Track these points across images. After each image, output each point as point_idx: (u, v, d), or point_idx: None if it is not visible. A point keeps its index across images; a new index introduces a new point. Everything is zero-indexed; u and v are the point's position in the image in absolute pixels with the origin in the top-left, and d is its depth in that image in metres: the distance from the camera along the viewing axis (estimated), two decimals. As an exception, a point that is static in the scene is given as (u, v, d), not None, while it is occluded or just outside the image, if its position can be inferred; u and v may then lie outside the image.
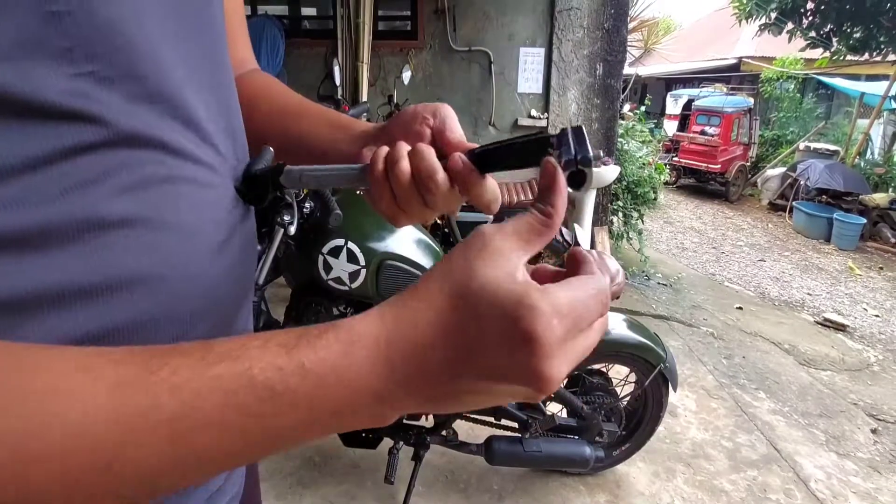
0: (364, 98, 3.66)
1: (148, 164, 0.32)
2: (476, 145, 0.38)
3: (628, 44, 4.56)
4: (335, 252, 1.49)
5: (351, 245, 1.49)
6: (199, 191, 0.36)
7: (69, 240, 0.28)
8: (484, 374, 0.26)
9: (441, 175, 0.37)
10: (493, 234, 0.28)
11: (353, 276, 1.51)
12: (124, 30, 0.30)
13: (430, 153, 0.37)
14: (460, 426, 1.77)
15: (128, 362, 0.24)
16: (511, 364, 0.25)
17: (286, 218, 1.57)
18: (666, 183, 8.71)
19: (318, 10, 4.13)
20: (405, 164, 0.37)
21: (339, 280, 1.51)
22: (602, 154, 0.40)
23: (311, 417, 0.26)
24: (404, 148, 0.38)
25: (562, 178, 0.29)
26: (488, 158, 0.35)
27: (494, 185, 0.37)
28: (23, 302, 0.27)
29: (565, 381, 1.87)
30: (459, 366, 0.26)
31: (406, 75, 3.07)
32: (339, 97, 1.99)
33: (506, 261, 0.27)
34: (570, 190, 0.29)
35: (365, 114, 2.19)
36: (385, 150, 0.38)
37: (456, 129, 0.41)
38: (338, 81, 2.04)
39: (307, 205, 1.46)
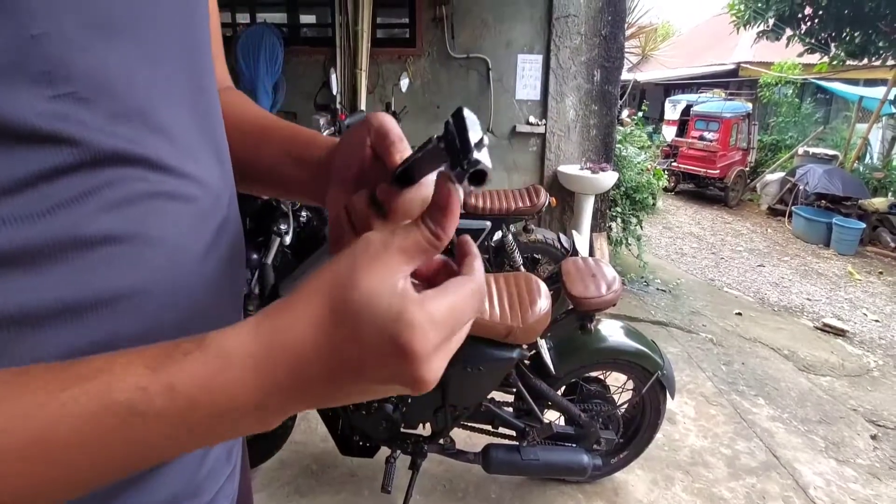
0: (362, 105, 3.67)
1: (130, 180, 0.32)
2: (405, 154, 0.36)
3: (626, 50, 4.59)
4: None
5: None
6: (183, 205, 0.36)
7: (54, 259, 0.29)
8: (363, 380, 0.27)
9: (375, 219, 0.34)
10: (379, 247, 0.28)
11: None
12: (98, 50, 0.30)
13: (361, 206, 0.35)
14: (457, 434, 1.76)
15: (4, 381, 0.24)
16: (390, 373, 0.27)
17: (282, 227, 1.58)
18: (665, 188, 8.72)
19: (317, 17, 4.15)
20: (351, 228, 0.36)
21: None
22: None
23: (186, 434, 0.25)
24: (345, 221, 0.36)
25: (456, 200, 0.28)
26: (405, 175, 0.33)
27: (418, 195, 0.33)
28: (9, 320, 0.27)
29: (563, 389, 1.86)
30: (340, 376, 0.27)
31: (404, 82, 3.09)
32: (338, 105, 2.00)
33: (389, 274, 0.27)
34: (472, 188, 0.27)
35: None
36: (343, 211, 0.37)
37: (387, 140, 0.36)
38: (335, 90, 2.05)
39: (303, 214, 1.46)
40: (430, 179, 0.31)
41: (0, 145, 0.26)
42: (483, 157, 0.27)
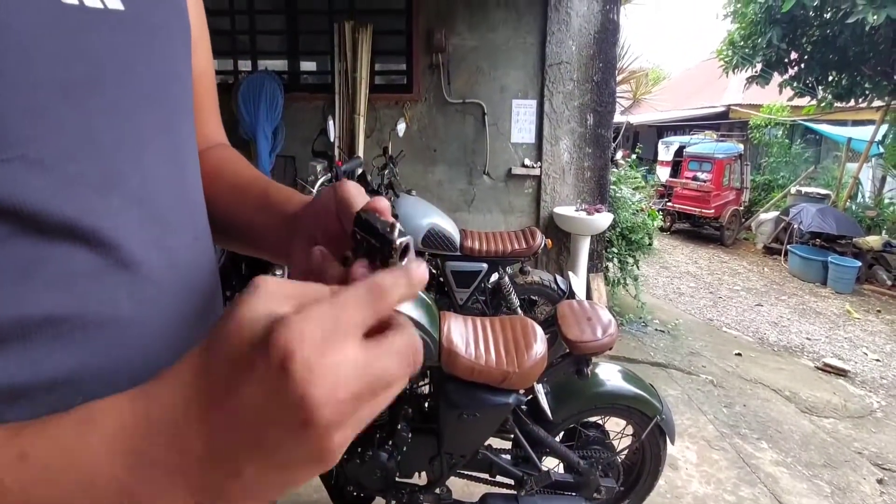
0: (360, 149, 3.76)
1: (77, 253, 0.30)
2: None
3: (618, 95, 4.73)
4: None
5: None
6: (138, 278, 0.33)
7: None
8: (258, 451, 0.22)
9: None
10: (268, 289, 0.24)
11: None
12: (57, 111, 0.28)
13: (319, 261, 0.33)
14: (454, 483, 1.72)
15: None
16: (285, 430, 0.22)
17: (277, 272, 1.60)
18: (661, 228, 8.80)
19: (318, 65, 4.30)
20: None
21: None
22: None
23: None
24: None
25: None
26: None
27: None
28: None
29: (561, 435, 1.83)
30: (228, 452, 0.22)
31: (401, 127, 3.17)
32: (336, 150, 2.07)
33: (273, 301, 0.23)
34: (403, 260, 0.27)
35: (360, 168, 2.25)
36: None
37: (348, 214, 0.35)
38: (332, 137, 2.11)
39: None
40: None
41: None
42: (399, 236, 0.27)
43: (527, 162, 3.89)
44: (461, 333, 1.58)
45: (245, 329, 0.22)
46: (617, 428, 1.87)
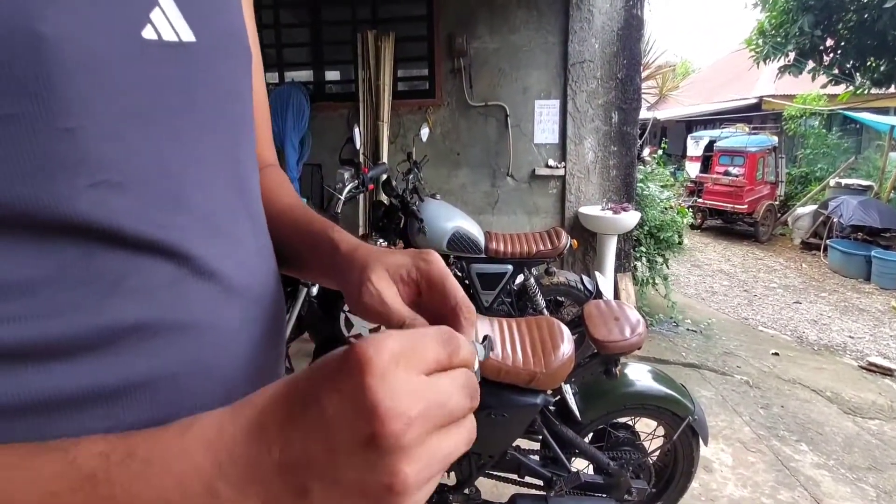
0: (384, 155, 3.81)
1: (158, 266, 0.33)
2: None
3: (644, 91, 4.66)
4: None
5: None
6: (212, 286, 0.36)
7: (85, 348, 0.29)
8: (327, 473, 0.24)
9: None
10: (369, 344, 0.25)
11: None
12: (131, 139, 0.31)
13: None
14: (483, 483, 1.73)
15: None
16: (357, 451, 0.23)
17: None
18: (692, 225, 8.59)
19: (341, 74, 4.39)
20: None
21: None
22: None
23: (134, 499, 0.24)
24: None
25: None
26: None
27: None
28: (44, 406, 0.28)
29: (590, 436, 1.82)
30: (299, 469, 0.24)
31: (424, 132, 3.20)
32: (361, 157, 2.12)
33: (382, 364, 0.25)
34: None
35: (385, 174, 2.30)
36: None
37: (437, 290, 0.39)
38: (358, 145, 2.16)
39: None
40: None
41: (34, 236, 0.28)
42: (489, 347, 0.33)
43: (551, 162, 3.87)
44: (488, 334, 1.59)
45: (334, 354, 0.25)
46: (647, 429, 1.84)
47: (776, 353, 3.85)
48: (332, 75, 4.39)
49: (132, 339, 0.31)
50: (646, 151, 7.04)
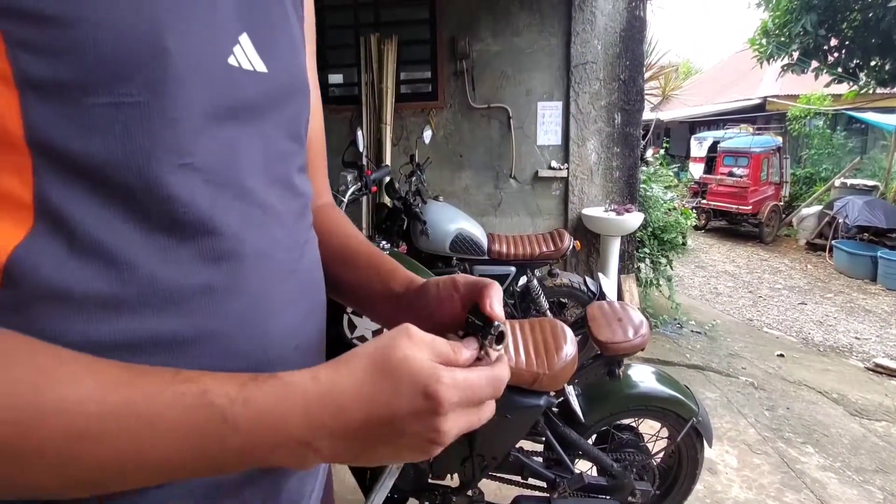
0: (387, 157, 3.82)
1: (223, 239, 0.40)
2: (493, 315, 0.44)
3: (646, 92, 4.66)
4: (359, 312, 1.53)
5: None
6: (264, 262, 0.43)
7: (167, 301, 0.37)
8: (393, 429, 0.33)
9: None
10: (416, 332, 0.35)
11: (376, 335, 1.55)
12: (210, 133, 0.39)
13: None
14: (487, 485, 1.73)
15: (114, 368, 0.31)
16: (416, 420, 0.32)
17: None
18: (696, 227, 8.56)
19: (344, 77, 4.40)
20: None
21: (362, 339, 1.55)
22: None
23: (243, 444, 0.31)
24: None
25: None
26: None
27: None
28: (122, 347, 0.35)
29: (594, 438, 1.82)
30: (375, 423, 0.33)
31: (427, 134, 3.21)
32: (363, 162, 2.13)
33: (422, 347, 0.34)
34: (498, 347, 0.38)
35: (388, 176, 2.31)
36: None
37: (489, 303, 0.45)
38: (361, 148, 2.16)
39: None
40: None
41: (138, 204, 0.35)
42: (498, 327, 0.39)
43: (553, 164, 3.87)
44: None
45: (413, 368, 0.33)
46: (651, 431, 1.84)
47: (781, 355, 3.84)
48: (335, 78, 4.40)
49: (202, 299, 0.38)
50: (649, 152, 7.03)
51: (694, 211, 5.52)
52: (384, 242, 2.12)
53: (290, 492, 0.48)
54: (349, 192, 1.90)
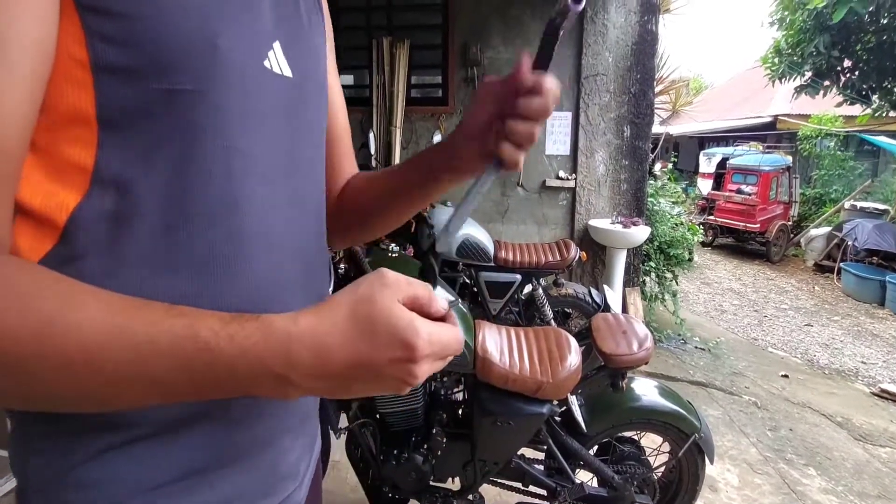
0: (396, 159, 3.83)
1: (250, 220, 0.46)
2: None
3: (656, 106, 4.65)
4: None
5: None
6: (281, 249, 0.49)
7: (201, 268, 0.43)
8: (370, 370, 0.36)
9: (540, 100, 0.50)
10: (394, 278, 0.38)
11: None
12: (248, 122, 0.45)
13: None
14: (488, 490, 1.72)
15: (124, 300, 0.35)
16: (392, 364, 0.35)
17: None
18: (702, 243, 8.52)
19: (356, 79, 4.43)
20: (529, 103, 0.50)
21: None
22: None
23: (227, 373, 0.34)
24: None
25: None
26: (540, 61, 0.50)
27: (553, 85, 0.50)
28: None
29: (595, 449, 1.80)
30: (353, 364, 0.35)
31: (437, 138, 3.22)
32: (373, 162, 2.12)
33: (399, 293, 0.37)
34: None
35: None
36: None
37: (515, 78, 0.51)
38: (372, 151, 2.17)
39: (342, 267, 1.53)
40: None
41: (182, 178, 0.41)
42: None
43: (561, 174, 3.87)
44: (496, 342, 1.59)
45: (392, 319, 0.35)
46: (653, 444, 1.82)
47: (786, 376, 3.80)
48: (346, 80, 4.43)
49: (223, 268, 0.43)
50: (657, 166, 7.03)
51: (701, 227, 5.49)
52: (392, 245, 2.12)
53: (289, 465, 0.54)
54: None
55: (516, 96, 0.50)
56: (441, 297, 0.40)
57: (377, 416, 1.62)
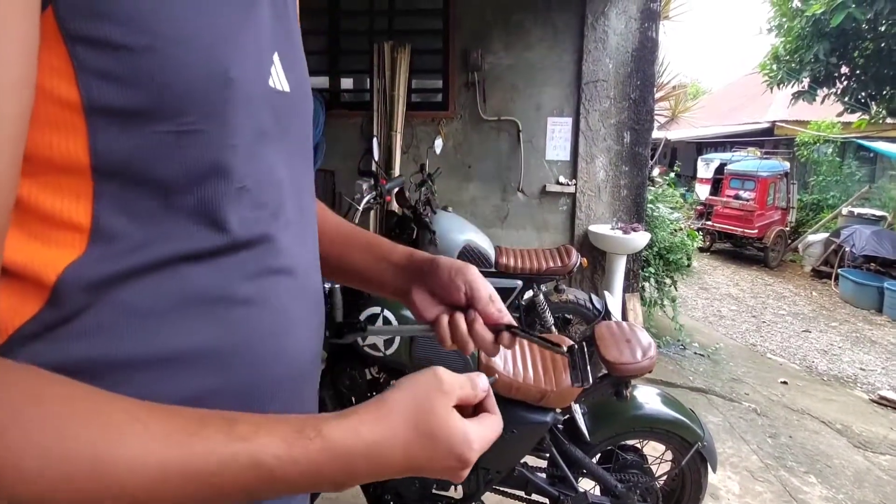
0: (397, 165, 3.83)
1: (262, 257, 0.42)
2: (503, 319, 0.56)
3: (656, 112, 4.67)
4: (371, 319, 1.53)
5: (387, 313, 1.53)
6: (291, 279, 0.45)
7: (206, 310, 0.38)
8: (424, 472, 0.38)
9: (489, 343, 0.56)
10: (449, 383, 0.39)
11: (388, 343, 1.54)
12: (257, 156, 0.41)
13: (485, 334, 0.56)
14: (490, 499, 1.71)
15: (173, 422, 0.31)
16: (446, 473, 0.38)
17: (325, 286, 1.64)
18: (700, 248, 8.54)
19: (357, 83, 4.43)
20: (465, 332, 0.55)
21: (374, 347, 1.54)
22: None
23: (288, 489, 0.34)
24: (462, 322, 0.56)
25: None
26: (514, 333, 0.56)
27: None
28: (160, 362, 0.36)
29: (598, 457, 1.79)
30: (408, 471, 0.37)
31: (438, 144, 3.22)
32: (374, 169, 2.13)
33: (453, 397, 0.39)
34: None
35: (400, 185, 2.30)
36: (446, 320, 0.57)
37: (484, 298, 0.56)
38: (376, 156, 2.17)
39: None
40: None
41: (193, 226, 0.37)
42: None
43: (561, 179, 3.87)
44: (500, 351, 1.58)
45: (450, 434, 0.37)
46: (656, 453, 1.81)
47: (785, 382, 3.80)
48: (347, 83, 4.43)
49: (240, 311, 0.40)
50: (655, 171, 7.05)
51: (699, 232, 5.50)
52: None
53: None
54: (364, 201, 1.90)
55: (470, 307, 0.56)
56: (483, 379, 0.43)
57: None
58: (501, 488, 1.70)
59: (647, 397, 1.77)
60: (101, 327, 0.34)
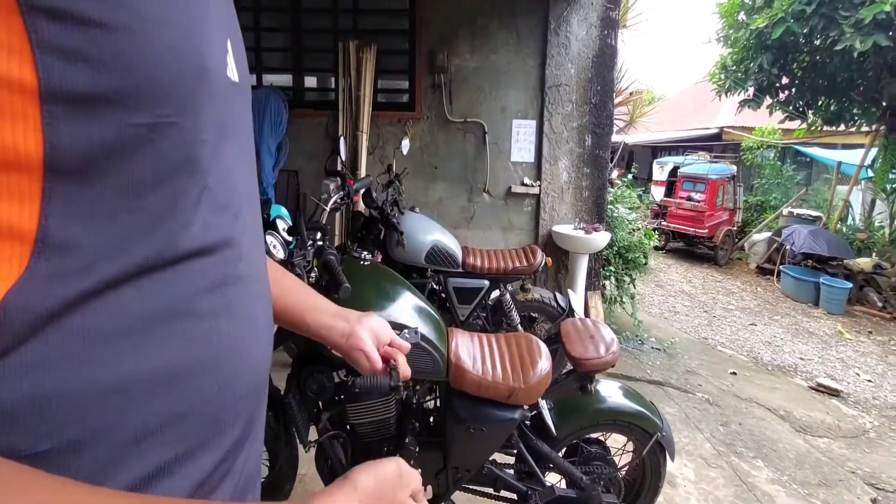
0: (363, 165, 3.82)
1: (224, 264, 0.39)
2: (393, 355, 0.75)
3: (615, 117, 4.83)
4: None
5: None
6: (252, 285, 0.43)
7: (167, 329, 0.34)
8: None
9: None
10: (407, 474, 0.46)
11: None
12: (219, 152, 0.38)
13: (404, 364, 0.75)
14: (460, 497, 1.74)
15: None
16: None
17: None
18: (656, 247, 8.86)
19: (321, 82, 4.38)
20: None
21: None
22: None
23: None
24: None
25: None
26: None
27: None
28: (123, 388, 0.32)
29: (563, 451, 1.86)
30: None
31: (405, 144, 3.23)
32: (339, 168, 2.12)
33: (408, 493, 0.46)
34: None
35: (367, 186, 2.31)
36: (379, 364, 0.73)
37: (389, 339, 0.76)
38: (343, 157, 2.16)
39: (313, 275, 1.51)
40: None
41: (157, 230, 0.33)
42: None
43: (526, 181, 3.96)
44: (468, 349, 1.62)
45: None
46: (618, 444, 1.90)
47: (734, 373, 4.02)
48: (312, 82, 4.37)
49: (205, 324, 0.37)
50: (614, 174, 7.27)
51: (655, 231, 5.74)
52: (364, 253, 2.11)
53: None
54: (331, 202, 1.90)
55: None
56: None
57: (348, 427, 1.61)
58: (471, 486, 1.74)
59: (610, 391, 1.84)
60: (49, 360, 0.28)
